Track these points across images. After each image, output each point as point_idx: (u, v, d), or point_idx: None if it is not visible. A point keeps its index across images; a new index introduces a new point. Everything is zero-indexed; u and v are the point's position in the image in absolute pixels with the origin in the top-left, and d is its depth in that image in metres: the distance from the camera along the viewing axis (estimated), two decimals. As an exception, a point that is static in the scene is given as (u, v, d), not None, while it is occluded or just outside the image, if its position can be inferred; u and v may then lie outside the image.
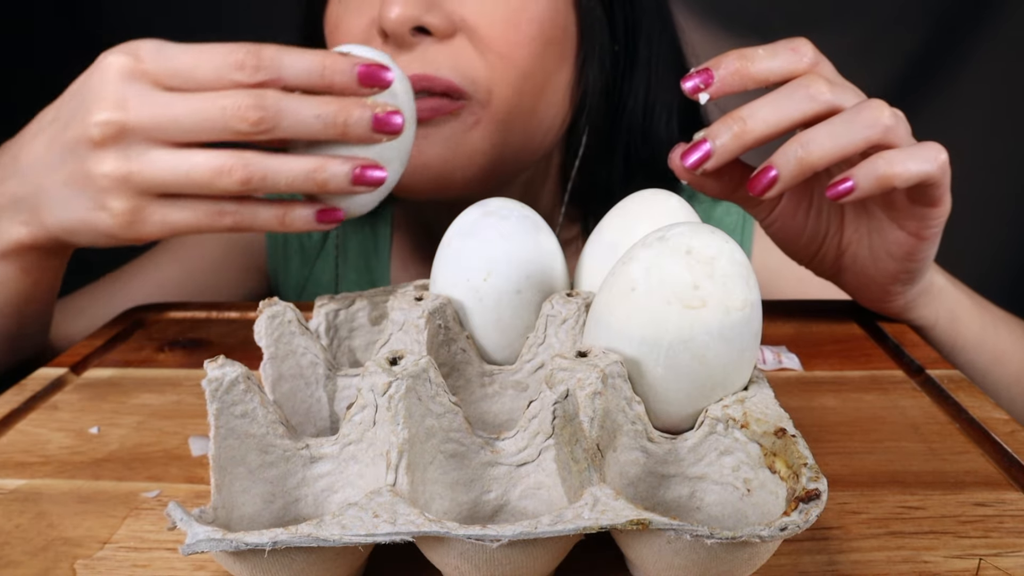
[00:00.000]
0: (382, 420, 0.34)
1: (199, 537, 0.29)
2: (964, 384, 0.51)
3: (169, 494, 0.42)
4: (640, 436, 0.36)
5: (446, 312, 0.43)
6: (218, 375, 0.34)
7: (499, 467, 0.36)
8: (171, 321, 0.64)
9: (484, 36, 0.60)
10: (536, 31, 0.61)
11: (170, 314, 0.66)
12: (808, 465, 0.32)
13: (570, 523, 0.29)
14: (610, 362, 0.35)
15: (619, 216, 0.45)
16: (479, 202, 0.46)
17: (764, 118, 0.46)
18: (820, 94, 0.46)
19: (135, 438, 0.47)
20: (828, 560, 0.36)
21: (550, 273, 0.44)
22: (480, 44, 0.60)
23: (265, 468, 0.36)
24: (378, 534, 0.29)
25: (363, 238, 0.84)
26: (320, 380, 0.43)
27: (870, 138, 0.45)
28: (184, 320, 0.65)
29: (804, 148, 0.45)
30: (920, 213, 0.49)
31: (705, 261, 0.34)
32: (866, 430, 0.46)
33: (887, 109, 0.46)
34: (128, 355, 0.58)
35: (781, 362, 0.54)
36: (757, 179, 0.46)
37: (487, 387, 0.44)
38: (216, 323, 0.64)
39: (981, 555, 0.36)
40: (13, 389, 0.52)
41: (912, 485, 0.41)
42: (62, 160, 0.48)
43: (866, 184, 0.45)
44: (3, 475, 0.43)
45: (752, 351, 0.36)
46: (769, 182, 0.46)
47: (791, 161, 0.45)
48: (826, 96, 0.46)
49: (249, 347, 0.43)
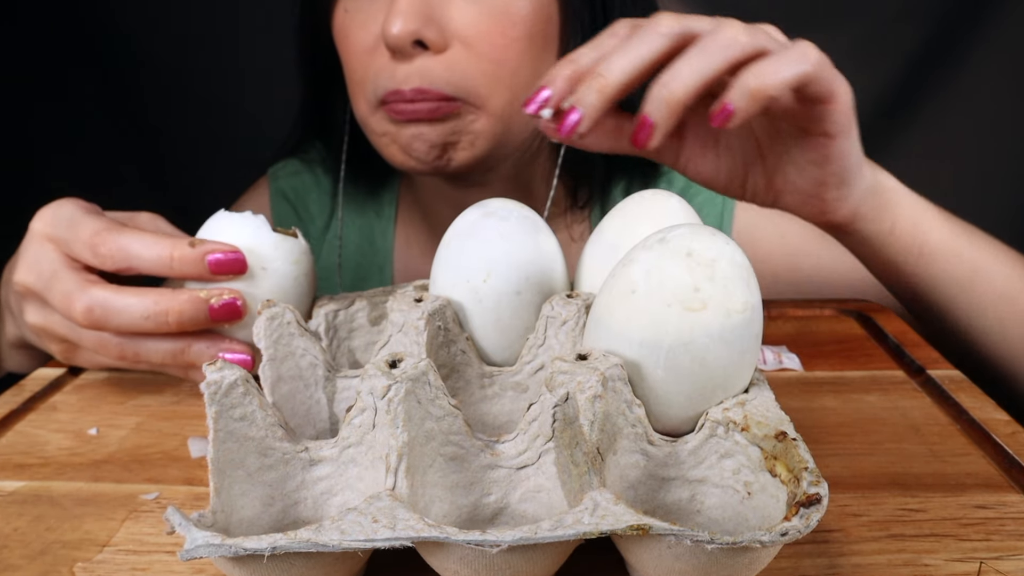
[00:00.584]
0: (381, 423, 0.33)
1: (198, 543, 0.29)
2: (965, 385, 0.50)
3: (168, 496, 0.41)
4: (640, 439, 0.36)
5: (446, 313, 0.43)
6: (217, 378, 0.34)
7: (499, 470, 0.35)
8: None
9: (475, 46, 0.64)
10: (522, 31, 0.65)
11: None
12: (809, 469, 0.32)
13: (570, 528, 0.29)
14: (610, 365, 0.35)
15: (619, 217, 0.45)
16: (479, 203, 0.45)
17: (620, 67, 0.45)
18: (669, 28, 0.46)
19: (134, 439, 0.47)
20: (828, 563, 0.35)
21: (550, 274, 0.44)
22: (472, 53, 0.64)
23: (264, 471, 0.35)
24: (377, 539, 0.29)
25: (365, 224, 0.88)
26: (319, 382, 0.43)
27: (730, 58, 0.45)
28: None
29: (667, 88, 0.44)
30: (818, 112, 0.48)
31: (706, 263, 0.34)
32: (866, 431, 0.46)
33: (740, 25, 0.45)
34: (128, 355, 0.58)
35: (781, 362, 0.54)
36: (637, 133, 0.45)
37: (487, 388, 0.44)
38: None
39: (982, 558, 0.35)
40: (12, 389, 0.52)
41: (913, 487, 0.41)
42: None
43: (742, 103, 0.44)
44: (2, 477, 0.43)
45: (753, 353, 0.36)
46: (648, 132, 0.45)
47: (660, 104, 0.44)
48: (675, 29, 0.46)
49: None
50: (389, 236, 0.87)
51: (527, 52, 0.66)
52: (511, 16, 0.64)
